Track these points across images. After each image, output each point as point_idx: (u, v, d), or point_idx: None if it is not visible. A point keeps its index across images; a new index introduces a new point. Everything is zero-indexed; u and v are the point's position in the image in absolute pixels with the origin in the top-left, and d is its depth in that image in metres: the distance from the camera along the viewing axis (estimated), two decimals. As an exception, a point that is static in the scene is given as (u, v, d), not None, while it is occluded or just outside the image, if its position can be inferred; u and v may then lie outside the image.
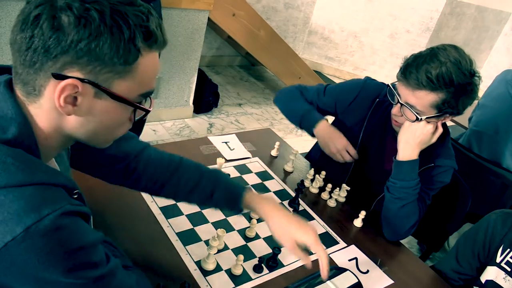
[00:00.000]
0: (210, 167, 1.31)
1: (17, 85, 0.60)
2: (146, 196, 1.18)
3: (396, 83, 1.21)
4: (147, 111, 0.65)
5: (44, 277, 0.54)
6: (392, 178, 1.23)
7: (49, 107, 0.60)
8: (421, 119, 1.17)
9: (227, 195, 0.93)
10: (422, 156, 1.22)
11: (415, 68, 1.12)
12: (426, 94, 1.13)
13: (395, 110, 1.22)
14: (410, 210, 1.22)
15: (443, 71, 1.09)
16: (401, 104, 1.19)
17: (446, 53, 1.11)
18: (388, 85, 1.25)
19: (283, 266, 1.08)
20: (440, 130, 1.22)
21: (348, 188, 1.40)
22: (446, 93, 1.12)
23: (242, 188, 0.94)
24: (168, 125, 2.97)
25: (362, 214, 1.31)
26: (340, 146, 1.33)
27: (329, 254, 1.16)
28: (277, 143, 1.55)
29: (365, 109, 1.38)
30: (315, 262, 0.92)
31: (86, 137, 0.64)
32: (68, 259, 0.55)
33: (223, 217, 1.18)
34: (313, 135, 1.39)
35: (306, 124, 1.40)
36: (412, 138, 1.19)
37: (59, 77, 0.57)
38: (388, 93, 1.26)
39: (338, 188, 1.39)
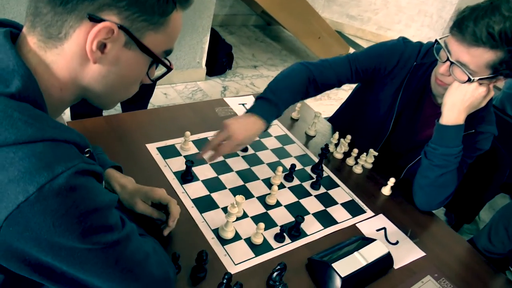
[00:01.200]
0: None
1: (36, 28, 0.59)
2: (159, 159, 1.17)
3: (445, 38, 1.13)
4: (170, 69, 0.67)
5: (60, 242, 0.53)
6: (433, 143, 1.17)
7: (72, 53, 0.59)
8: (473, 80, 1.10)
9: None
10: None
11: (473, 22, 1.03)
12: (484, 52, 1.04)
13: (442, 69, 1.14)
14: (448, 180, 1.18)
15: (507, 27, 1.00)
16: (451, 63, 1.11)
17: (509, 6, 1.02)
18: (436, 40, 1.17)
19: (306, 235, 1.06)
20: (492, 93, 1.15)
21: (376, 154, 1.36)
22: (506, 52, 1.03)
23: (110, 163, 0.95)
24: (179, 88, 2.95)
25: (391, 181, 1.27)
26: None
27: (355, 223, 1.14)
28: (298, 105, 1.53)
29: (403, 75, 1.30)
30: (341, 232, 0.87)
31: (102, 91, 0.64)
32: (84, 222, 0.54)
33: (241, 183, 1.17)
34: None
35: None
36: (460, 101, 1.12)
37: (95, 19, 0.56)
38: (435, 50, 1.18)
39: (365, 154, 1.35)
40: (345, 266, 0.94)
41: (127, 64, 0.62)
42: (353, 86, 1.54)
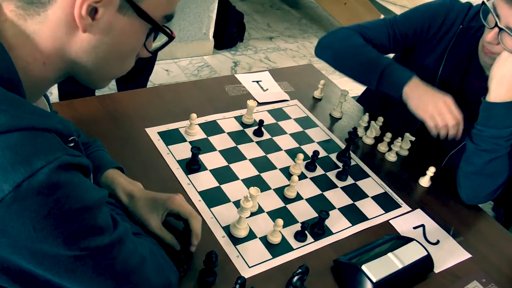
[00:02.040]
0: (239, 111, 1.36)
1: None
2: (160, 145, 1.17)
3: (494, 0, 1.11)
4: (171, 37, 0.66)
5: (42, 249, 0.53)
6: (479, 125, 1.15)
7: (58, 20, 0.57)
8: None
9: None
10: None
11: None
12: None
13: (489, 36, 1.11)
14: (498, 167, 1.16)
15: None
16: (500, 29, 1.09)
17: None
18: (483, 1, 1.15)
19: (331, 233, 1.06)
20: None
21: (413, 138, 1.35)
22: None
23: (111, 163, 0.93)
24: (183, 63, 2.96)
25: (431, 170, 1.26)
26: (445, 109, 1.16)
27: (389, 220, 1.14)
28: (322, 82, 1.52)
29: (447, 40, 1.29)
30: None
31: (93, 65, 0.63)
32: (70, 224, 0.54)
33: (256, 172, 1.17)
34: (399, 97, 1.23)
35: (389, 82, 1.24)
36: (510, 74, 1.10)
37: None
38: (481, 13, 1.15)
39: (399, 138, 1.33)
40: (377, 269, 0.94)
41: (121, 32, 0.61)
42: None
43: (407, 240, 1.03)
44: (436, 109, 1.17)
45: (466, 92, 1.31)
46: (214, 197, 1.07)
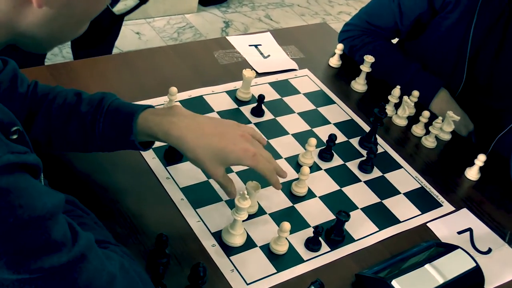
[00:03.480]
0: (232, 84, 1.37)
1: None
2: None
3: None
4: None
5: None
6: None
7: None
8: None
9: (114, 116, 0.95)
10: None
11: None
12: None
13: None
14: None
15: None
16: None
17: None
18: None
19: (352, 240, 1.07)
20: None
21: (457, 118, 1.34)
22: None
23: (140, 106, 0.97)
24: (159, 24, 2.96)
25: (480, 159, 1.26)
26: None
27: (426, 222, 1.15)
28: (340, 47, 1.52)
29: None
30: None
31: (44, 36, 0.66)
32: (16, 242, 0.55)
33: None
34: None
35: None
36: None
37: None
38: None
39: (440, 118, 1.34)
40: (411, 285, 0.94)
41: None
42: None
43: (449, 248, 1.04)
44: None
45: (507, 55, 1.33)
46: (201, 195, 1.07)
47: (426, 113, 1.35)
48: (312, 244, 1.02)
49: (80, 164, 1.07)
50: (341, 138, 1.28)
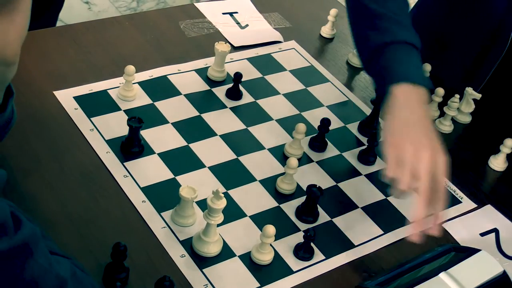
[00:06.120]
0: (202, 61, 1.37)
1: None
2: (79, 117, 1.18)
3: None
4: None
5: None
6: None
7: None
8: None
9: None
10: None
11: None
12: None
13: None
14: None
15: None
16: None
17: None
18: None
19: (352, 246, 1.08)
20: None
21: (478, 96, 1.35)
22: None
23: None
24: None
25: (508, 145, 1.26)
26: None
27: (442, 222, 1.12)
28: (333, 12, 1.52)
29: None
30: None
31: None
32: None
33: (233, 156, 1.18)
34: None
35: (378, 72, 1.18)
36: None
37: None
38: None
39: (457, 97, 1.34)
40: (424, 299, 0.95)
41: None
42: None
43: (470, 251, 1.04)
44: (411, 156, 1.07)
45: None
46: (166, 196, 1.07)
47: (440, 91, 1.34)
48: (302, 252, 1.02)
49: (15, 159, 1.06)
50: (336, 123, 1.28)
